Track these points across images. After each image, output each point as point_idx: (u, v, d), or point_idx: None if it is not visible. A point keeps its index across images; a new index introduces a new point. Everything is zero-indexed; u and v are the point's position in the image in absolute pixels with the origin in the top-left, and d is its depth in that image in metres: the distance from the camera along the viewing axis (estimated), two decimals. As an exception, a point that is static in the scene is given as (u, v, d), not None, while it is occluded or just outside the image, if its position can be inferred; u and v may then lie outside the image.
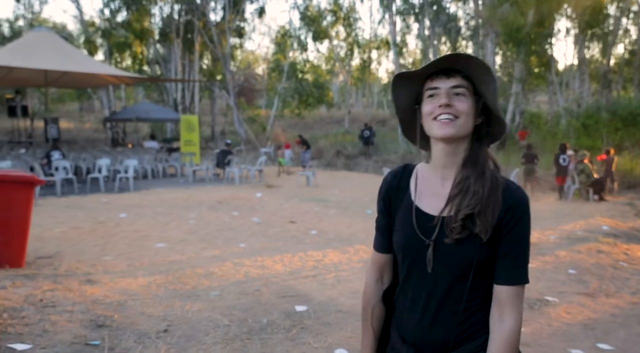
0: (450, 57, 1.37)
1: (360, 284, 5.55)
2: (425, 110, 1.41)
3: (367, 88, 44.07)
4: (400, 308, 1.51)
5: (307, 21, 30.99)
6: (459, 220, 1.35)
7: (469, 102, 1.38)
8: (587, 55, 29.64)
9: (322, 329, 4.22)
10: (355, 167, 20.44)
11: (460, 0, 23.15)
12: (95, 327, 3.92)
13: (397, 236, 1.48)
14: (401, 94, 1.47)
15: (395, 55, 25.92)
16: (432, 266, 1.39)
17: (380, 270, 1.58)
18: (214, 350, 3.68)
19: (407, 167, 1.56)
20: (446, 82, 1.38)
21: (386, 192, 1.54)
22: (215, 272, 5.79)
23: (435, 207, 1.43)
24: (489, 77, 1.38)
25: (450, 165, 1.43)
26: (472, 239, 1.36)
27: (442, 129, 1.36)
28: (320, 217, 9.72)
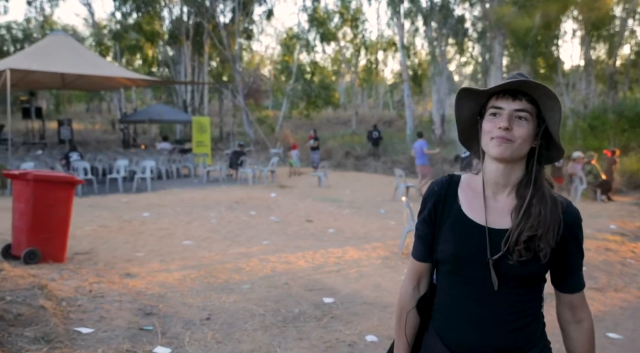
0: (519, 82, 1.39)
1: (381, 279, 5.89)
2: (484, 128, 1.43)
3: (374, 89, 44.30)
4: (444, 318, 1.51)
5: (315, 23, 31.33)
6: (521, 243, 1.37)
7: (529, 127, 1.40)
8: (594, 57, 29.82)
9: (350, 318, 4.55)
10: (365, 168, 20.75)
11: (467, 1, 23.43)
12: (144, 314, 4.26)
13: (446, 247, 1.48)
14: (465, 104, 1.50)
15: (403, 58, 26.23)
16: (497, 283, 1.40)
17: (418, 278, 1.59)
18: (255, 336, 4.01)
19: (453, 177, 1.58)
20: (511, 104, 1.40)
21: (433, 202, 1.54)
22: (244, 268, 6.13)
23: (494, 221, 1.44)
24: (556, 106, 1.39)
25: (503, 182, 1.46)
26: (534, 259, 1.39)
27: (496, 149, 1.39)
28: (336, 217, 10.04)
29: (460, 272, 1.46)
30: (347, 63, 37.17)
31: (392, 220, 9.88)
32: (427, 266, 1.57)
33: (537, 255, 1.38)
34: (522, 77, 1.42)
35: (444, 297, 1.52)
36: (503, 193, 1.46)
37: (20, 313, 3.56)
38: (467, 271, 1.44)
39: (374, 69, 38.68)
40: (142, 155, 17.22)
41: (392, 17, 31.30)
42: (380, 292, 5.37)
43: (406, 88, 26.68)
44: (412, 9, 23.22)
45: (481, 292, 1.42)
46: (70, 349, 3.34)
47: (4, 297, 3.81)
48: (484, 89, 1.42)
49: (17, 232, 5.84)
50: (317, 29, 31.83)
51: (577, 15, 26.37)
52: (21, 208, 5.74)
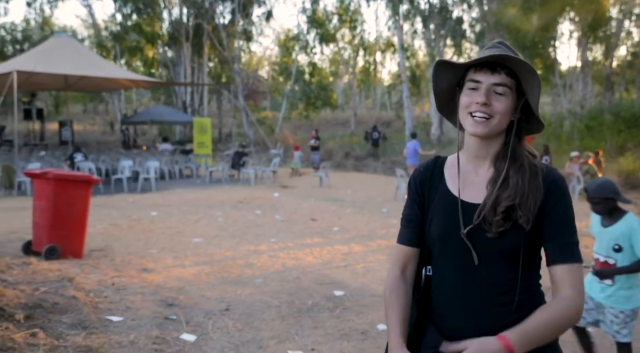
0: (497, 56, 1.35)
1: (386, 272, 6.12)
2: (462, 102, 1.40)
3: (372, 90, 44.60)
4: (437, 303, 1.46)
5: (315, 25, 31.59)
6: (499, 213, 1.33)
7: (507, 101, 1.36)
8: (590, 58, 30.15)
9: (361, 309, 4.80)
10: (364, 168, 20.99)
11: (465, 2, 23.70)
12: (166, 305, 4.50)
13: (433, 226, 1.44)
14: (443, 76, 1.45)
15: (402, 59, 26.49)
16: (478, 257, 1.36)
17: (404, 263, 1.52)
18: (273, 325, 4.25)
19: (439, 158, 1.56)
20: (489, 77, 1.35)
21: (420, 183, 1.51)
22: (255, 263, 6.37)
23: (472, 195, 1.42)
24: (535, 80, 1.36)
25: (484, 156, 1.43)
26: (516, 229, 1.34)
27: (474, 127, 1.36)
28: (339, 215, 10.28)
29: (448, 252, 1.42)
30: (346, 64, 37.42)
31: (394, 218, 10.10)
32: (414, 251, 1.51)
33: (518, 224, 1.34)
34: (502, 46, 1.40)
35: (436, 284, 1.47)
36: (484, 167, 1.44)
37: (56, 302, 3.79)
38: (451, 250, 1.41)
39: (372, 70, 38.94)
40: (145, 156, 17.42)
41: (390, 19, 31.66)
42: (387, 286, 5.60)
43: (405, 89, 26.94)
44: (410, 11, 23.49)
45: (464, 270, 1.38)
46: (105, 335, 3.58)
47: (38, 288, 4.04)
48: (461, 62, 1.40)
49: (38, 229, 6.06)
50: (316, 30, 32.08)
51: (574, 17, 26.66)
52: (42, 206, 5.96)
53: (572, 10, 24.72)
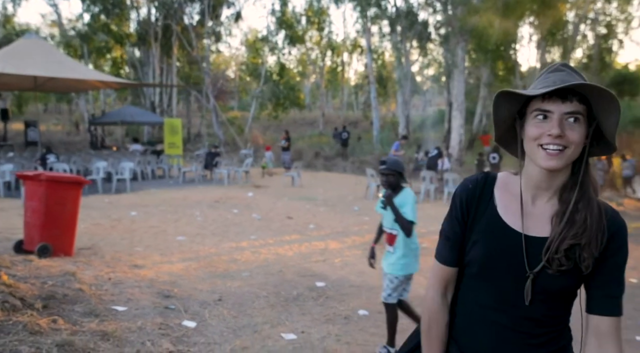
0: (572, 85, 1.24)
1: (363, 267, 6.58)
2: (530, 133, 1.30)
3: (340, 90, 45.23)
4: (463, 322, 1.44)
5: (284, 26, 31.97)
6: (562, 251, 1.27)
7: (581, 130, 1.27)
8: (549, 59, 31.41)
9: (342, 298, 5.25)
10: (334, 168, 21.49)
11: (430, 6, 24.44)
12: (163, 297, 4.85)
13: (477, 249, 1.38)
14: (503, 105, 1.37)
15: (369, 61, 27.12)
16: (530, 297, 1.31)
17: (445, 285, 1.47)
18: (264, 312, 4.66)
19: (489, 175, 1.47)
20: (561, 106, 1.26)
21: (466, 200, 1.43)
22: (239, 259, 6.76)
23: (527, 228, 1.35)
24: (612, 106, 1.25)
25: (547, 187, 1.35)
26: (574, 270, 1.28)
27: (548, 161, 1.26)
28: (313, 214, 10.72)
29: (488, 277, 1.37)
30: (313, 64, 37.89)
31: (366, 216, 10.62)
32: (454, 271, 1.46)
33: (578, 266, 1.28)
34: (567, 69, 1.31)
35: (464, 301, 1.44)
36: (543, 198, 1.36)
37: (65, 294, 4.11)
38: (495, 278, 1.35)
39: (340, 71, 39.54)
40: (116, 156, 17.49)
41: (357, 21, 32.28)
42: (364, 277, 6.09)
43: (373, 90, 27.58)
44: (378, 14, 24.10)
45: (507, 303, 1.34)
46: (115, 322, 3.92)
47: (46, 282, 4.34)
48: (527, 92, 1.29)
49: (30, 228, 6.30)
50: (285, 32, 32.46)
51: (533, 21, 27.75)
52: (34, 206, 6.21)
53: (532, 15, 25.75)
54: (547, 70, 1.33)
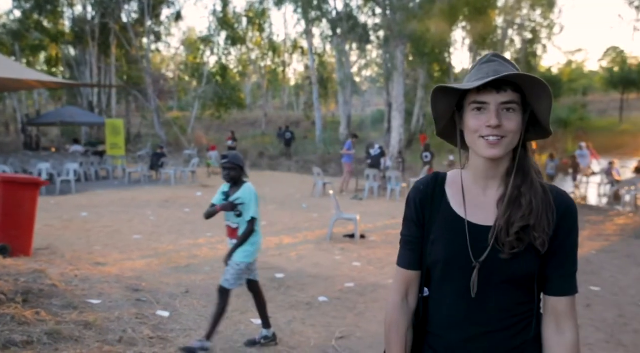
0: (505, 76, 1.26)
1: (318, 259, 7.02)
2: (470, 125, 1.33)
3: (282, 90, 45.54)
4: (436, 329, 1.42)
5: (225, 27, 31.96)
6: (513, 234, 1.28)
7: (518, 118, 1.30)
8: (479, 62, 32.92)
9: (302, 287, 5.65)
10: (279, 167, 21.82)
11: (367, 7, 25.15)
12: (133, 290, 5.07)
13: (436, 248, 1.38)
14: (441, 100, 1.39)
15: (312, 62, 27.65)
16: (476, 290, 1.31)
17: (406, 288, 1.46)
18: (233, 301, 4.92)
19: (439, 175, 1.48)
20: (496, 96, 1.29)
21: (420, 201, 1.43)
22: (198, 255, 7.02)
23: (480, 218, 1.36)
24: (545, 93, 1.29)
25: (494, 175, 1.37)
26: (529, 252, 1.30)
27: (489, 150, 1.29)
28: (264, 212, 10.89)
29: (449, 275, 1.37)
30: (254, 64, 38.00)
31: (314, 213, 11.04)
32: (416, 274, 1.46)
33: (533, 246, 1.30)
34: (498, 58, 1.36)
35: (435, 309, 1.43)
36: (493, 188, 1.39)
37: (41, 289, 4.28)
38: (454, 274, 1.36)
39: (281, 72, 39.88)
40: (56, 158, 17.11)
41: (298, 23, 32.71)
42: (320, 269, 6.50)
43: (315, 91, 28.10)
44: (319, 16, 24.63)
45: (467, 297, 1.33)
46: (94, 313, 4.14)
47: (19, 279, 4.47)
48: (461, 86, 1.32)
49: (-13, 230, 6.31)
50: (226, 32, 32.45)
51: (466, 26, 29.10)
52: (-8, 207, 6.23)
53: (465, 20, 27.03)
54: (479, 62, 1.37)
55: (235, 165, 3.94)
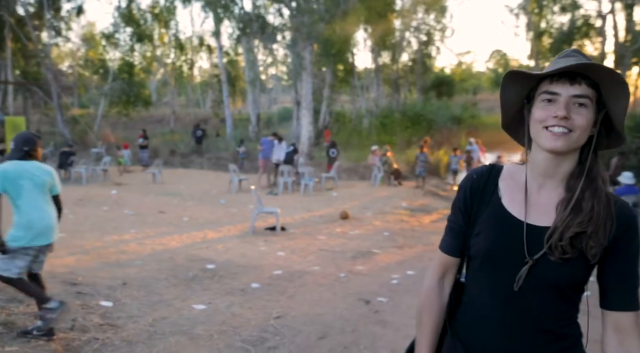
0: (582, 65, 1.22)
1: (244, 250, 7.45)
2: (536, 116, 1.28)
3: (189, 88, 44.82)
4: (467, 318, 1.41)
5: (130, 23, 31.06)
6: (566, 239, 1.24)
7: (589, 114, 1.25)
8: (381, 62, 34.53)
9: (234, 276, 6.06)
10: (191, 165, 21.77)
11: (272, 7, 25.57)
12: (71, 285, 5.24)
13: (480, 240, 1.36)
14: (511, 87, 1.34)
15: (220, 61, 27.66)
16: (521, 284, 1.28)
17: (443, 271, 1.47)
18: (170, 290, 5.31)
19: (494, 167, 1.45)
20: (569, 89, 1.24)
21: (471, 191, 1.42)
22: (127, 250, 7.18)
23: (535, 218, 1.32)
24: (623, 91, 1.24)
25: (553, 174, 1.33)
26: (579, 260, 1.26)
27: (552, 142, 1.25)
28: (184, 208, 11.23)
29: (491, 269, 1.34)
30: (159, 61, 37.17)
31: (233, 208, 11.40)
32: (455, 261, 1.46)
33: (584, 255, 1.26)
34: (578, 54, 1.30)
35: (469, 296, 1.42)
36: (550, 187, 1.34)
37: (-17, 286, 4.37)
38: (498, 269, 1.33)
39: (188, 69, 39.34)
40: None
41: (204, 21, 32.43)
42: (248, 259, 6.93)
43: (225, 89, 28.15)
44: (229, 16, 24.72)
45: (507, 294, 1.31)
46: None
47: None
48: (537, 72, 1.28)
49: None
50: (131, 29, 31.55)
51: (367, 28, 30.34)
52: None
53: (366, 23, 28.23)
54: (558, 56, 1.32)
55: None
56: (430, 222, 10.76)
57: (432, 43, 37.79)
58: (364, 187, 15.93)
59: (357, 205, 12.09)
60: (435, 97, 41.00)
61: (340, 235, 8.92)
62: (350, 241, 8.42)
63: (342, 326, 4.58)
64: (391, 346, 4.18)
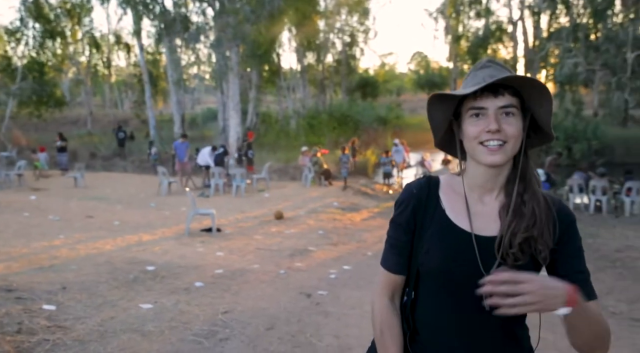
0: (502, 79, 1.23)
1: (182, 252, 7.46)
2: (469, 132, 1.29)
3: (108, 88, 43.20)
4: (426, 337, 1.38)
5: (40, 19, 29.55)
6: (516, 245, 1.25)
7: (518, 123, 1.27)
8: (306, 63, 34.95)
9: (176, 276, 6.08)
10: (113, 168, 21.10)
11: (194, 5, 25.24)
12: (6, 291, 5.08)
13: (431, 258, 1.33)
14: (437, 109, 1.35)
15: (142, 61, 26.93)
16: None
17: (392, 291, 1.43)
18: (114, 292, 5.28)
19: (431, 179, 1.43)
20: (494, 101, 1.25)
21: (413, 207, 1.38)
22: (58, 255, 6.99)
23: (480, 228, 1.32)
24: (544, 95, 1.26)
25: (492, 187, 1.34)
26: (530, 263, 1.27)
27: (490, 157, 1.26)
28: (112, 212, 10.97)
29: (447, 287, 1.33)
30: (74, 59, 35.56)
31: (165, 211, 11.27)
32: (401, 279, 1.42)
33: (536, 259, 1.28)
34: (493, 64, 1.32)
35: (425, 316, 1.39)
36: (491, 195, 1.35)
37: None
38: (453, 285, 1.31)
39: (107, 68, 37.94)
40: None
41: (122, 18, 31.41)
42: (187, 260, 6.96)
43: (147, 89, 27.47)
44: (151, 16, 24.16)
45: (470, 310, 1.29)
46: (-17, 311, 4.20)
47: None
48: (459, 92, 1.28)
49: None
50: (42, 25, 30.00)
51: (291, 29, 30.65)
52: None
53: (291, 24, 28.54)
54: (474, 68, 1.33)
55: None
56: (361, 220, 11.15)
57: (356, 44, 38.69)
58: (295, 187, 16.16)
59: (290, 205, 12.30)
60: (361, 97, 42.04)
61: (276, 234, 9.10)
62: (287, 240, 8.62)
63: (287, 317, 4.78)
64: (334, 333, 4.43)
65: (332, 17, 36.26)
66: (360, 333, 4.40)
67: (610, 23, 22.25)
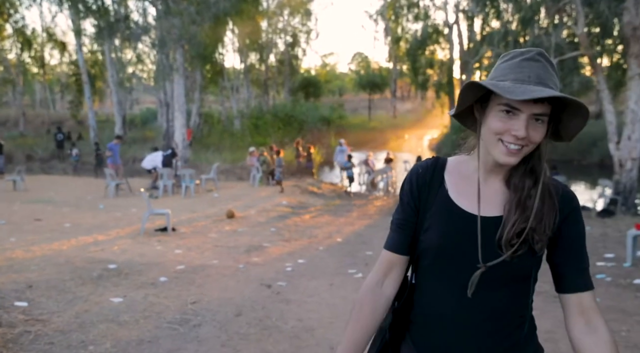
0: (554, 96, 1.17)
1: (141, 250, 7.65)
2: (493, 126, 1.25)
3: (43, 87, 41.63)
4: (421, 322, 1.38)
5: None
6: (514, 235, 1.25)
7: (544, 129, 1.24)
8: (248, 63, 35.09)
9: (140, 273, 6.30)
10: (52, 170, 20.60)
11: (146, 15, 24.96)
12: (-27, 291, 5.18)
13: (430, 237, 1.34)
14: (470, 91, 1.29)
15: (82, 61, 26.28)
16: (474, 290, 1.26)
17: (386, 270, 1.42)
18: (82, 288, 5.46)
19: (439, 160, 1.43)
20: (531, 107, 1.20)
21: (417, 185, 1.39)
22: (15, 257, 7.02)
23: (484, 209, 1.31)
24: (582, 114, 1.22)
25: (499, 172, 1.34)
26: (528, 252, 1.27)
27: (506, 157, 1.25)
28: (61, 215, 10.88)
29: (443, 267, 1.33)
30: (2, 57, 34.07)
31: (116, 212, 11.30)
32: (401, 259, 1.41)
33: (532, 247, 1.26)
34: (542, 59, 1.24)
35: (421, 299, 1.39)
36: (497, 177, 1.35)
37: None
38: (450, 267, 1.31)
39: (38, 67, 36.63)
40: None
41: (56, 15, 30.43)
42: (148, 257, 7.16)
43: (87, 90, 26.86)
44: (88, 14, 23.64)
45: (460, 289, 1.29)
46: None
47: None
48: (504, 92, 1.17)
49: None
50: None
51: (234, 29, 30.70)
52: None
53: (234, 24, 28.62)
54: (521, 56, 1.25)
55: None
56: (310, 217, 11.57)
57: (298, 45, 39.13)
58: (243, 187, 16.41)
59: (241, 204, 12.58)
60: (303, 98, 42.51)
61: (230, 232, 9.38)
62: (241, 237, 8.93)
63: (252, 305, 5.14)
64: (297, 317, 4.84)
65: (275, 18, 36.59)
66: (321, 317, 4.83)
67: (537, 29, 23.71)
